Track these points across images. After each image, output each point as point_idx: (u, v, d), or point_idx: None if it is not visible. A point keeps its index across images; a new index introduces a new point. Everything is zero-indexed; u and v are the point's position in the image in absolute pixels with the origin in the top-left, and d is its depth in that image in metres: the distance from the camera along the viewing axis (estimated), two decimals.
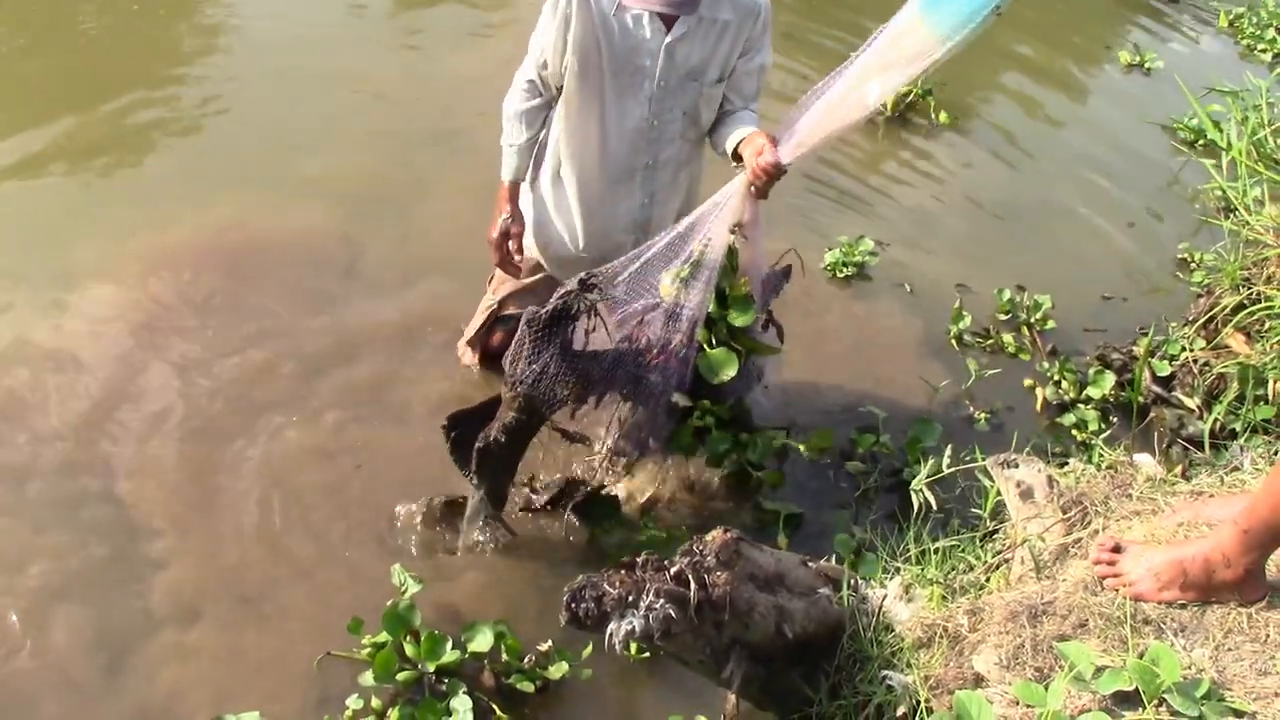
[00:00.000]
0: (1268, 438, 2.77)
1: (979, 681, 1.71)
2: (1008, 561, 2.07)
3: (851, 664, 1.91)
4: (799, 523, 2.68)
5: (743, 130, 2.36)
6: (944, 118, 4.72)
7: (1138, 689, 1.52)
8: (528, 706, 2.20)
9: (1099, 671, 1.56)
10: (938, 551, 2.16)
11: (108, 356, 2.90)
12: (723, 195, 2.27)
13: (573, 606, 1.74)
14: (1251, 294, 3.22)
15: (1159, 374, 3.27)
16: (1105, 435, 2.94)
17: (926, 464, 2.26)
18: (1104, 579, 1.82)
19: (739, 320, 2.33)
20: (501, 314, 2.85)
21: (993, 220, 4.21)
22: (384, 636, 2.18)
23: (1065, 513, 2.06)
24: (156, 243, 3.31)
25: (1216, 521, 1.85)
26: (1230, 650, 1.66)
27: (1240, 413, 2.94)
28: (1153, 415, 3.22)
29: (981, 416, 3.16)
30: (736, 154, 2.35)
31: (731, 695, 2.06)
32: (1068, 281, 3.78)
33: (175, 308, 3.09)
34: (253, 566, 2.44)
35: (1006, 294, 3.61)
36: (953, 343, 3.45)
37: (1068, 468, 2.28)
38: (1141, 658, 1.56)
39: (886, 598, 2.01)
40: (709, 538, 1.86)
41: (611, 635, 1.73)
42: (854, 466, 2.89)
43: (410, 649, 2.17)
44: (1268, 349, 3.05)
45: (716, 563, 1.81)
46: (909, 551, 2.21)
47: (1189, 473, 2.26)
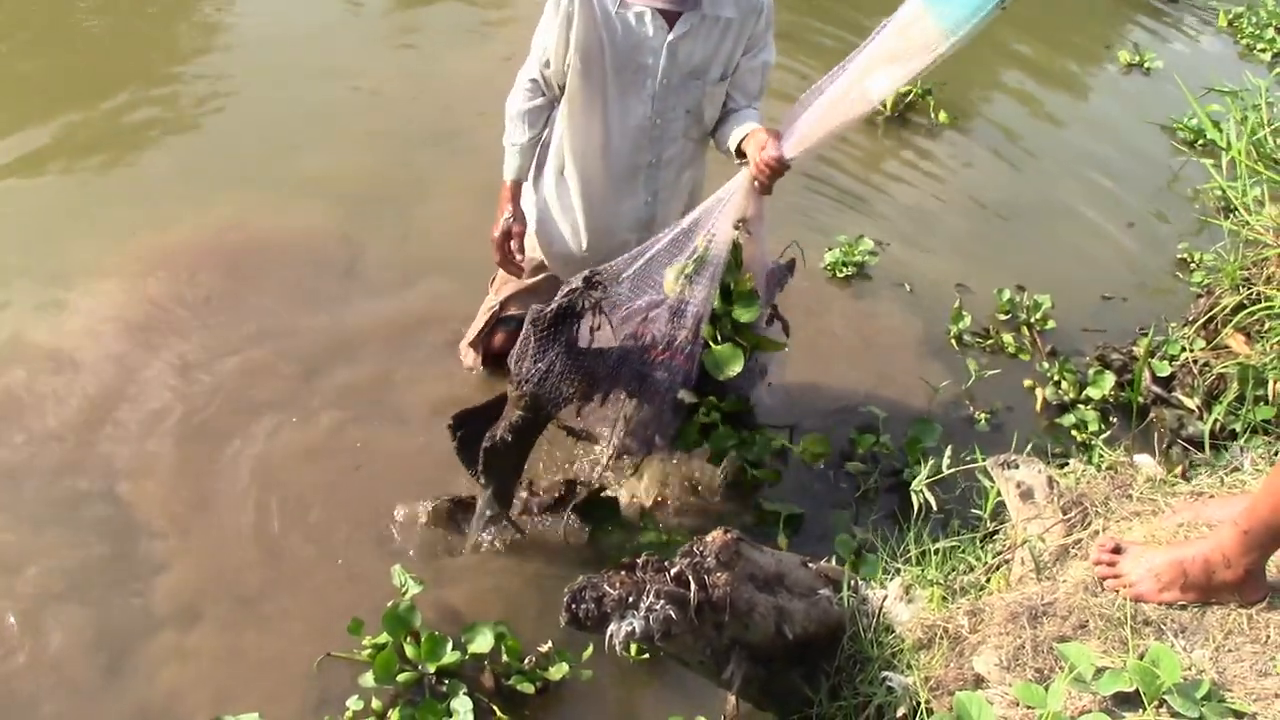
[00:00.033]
0: (1268, 438, 2.77)
1: (979, 682, 1.71)
2: (1008, 562, 2.07)
3: (852, 665, 1.91)
4: (799, 523, 2.68)
5: (746, 127, 2.36)
6: (944, 117, 4.71)
7: (1138, 690, 1.53)
8: (528, 707, 2.20)
9: (1099, 672, 1.56)
10: (938, 552, 2.16)
11: (106, 356, 2.90)
12: (726, 191, 2.26)
13: (573, 607, 1.74)
14: (1251, 294, 3.22)
15: (1159, 374, 3.27)
16: (1105, 436, 2.94)
17: (926, 464, 2.25)
18: (1104, 580, 1.82)
19: (744, 316, 2.32)
20: (503, 315, 2.85)
21: (993, 220, 4.21)
22: (384, 637, 2.18)
23: (1065, 513, 2.06)
24: (155, 242, 3.31)
25: (1216, 522, 1.85)
26: (1230, 651, 1.66)
27: (1240, 413, 2.94)
28: (1153, 416, 3.22)
29: (981, 417, 3.16)
30: (740, 151, 2.34)
31: (731, 696, 2.06)
32: (1068, 281, 3.78)
33: (174, 307, 3.09)
34: (252, 567, 2.44)
35: (1006, 294, 3.61)
36: (953, 343, 3.45)
37: (1068, 468, 2.27)
38: (1142, 659, 1.56)
39: (887, 598, 2.00)
40: (709, 538, 1.87)
41: (612, 636, 1.73)
42: (854, 467, 2.89)
43: (410, 650, 2.17)
44: (1268, 349, 3.05)
45: (717, 563, 1.82)
46: (909, 552, 2.21)
47: (1189, 473, 2.26)
